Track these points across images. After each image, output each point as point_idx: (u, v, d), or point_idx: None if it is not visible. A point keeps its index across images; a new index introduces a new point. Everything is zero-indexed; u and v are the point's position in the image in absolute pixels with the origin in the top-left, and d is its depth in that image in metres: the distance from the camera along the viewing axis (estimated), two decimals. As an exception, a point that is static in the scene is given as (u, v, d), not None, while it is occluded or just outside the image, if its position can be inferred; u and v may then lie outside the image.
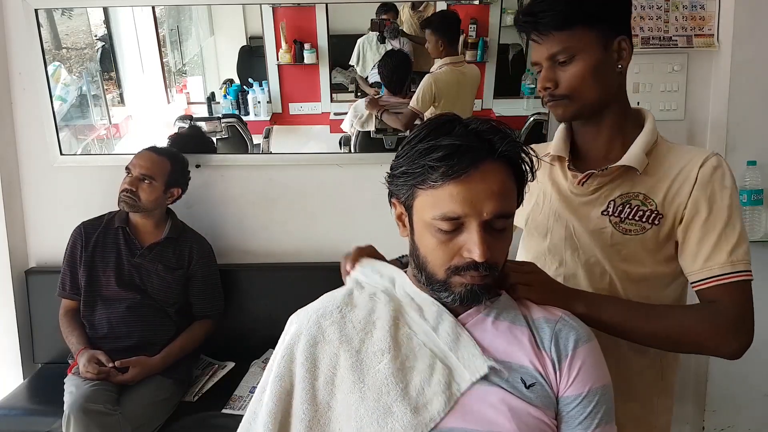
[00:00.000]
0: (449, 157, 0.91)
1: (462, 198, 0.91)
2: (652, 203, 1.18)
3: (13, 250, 2.42)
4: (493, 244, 0.93)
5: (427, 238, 0.96)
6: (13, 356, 2.44)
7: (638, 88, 2.29)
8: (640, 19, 2.23)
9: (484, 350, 0.98)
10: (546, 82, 1.17)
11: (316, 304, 1.07)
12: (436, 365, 0.95)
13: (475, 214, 0.91)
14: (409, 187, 0.96)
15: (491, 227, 0.93)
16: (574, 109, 1.18)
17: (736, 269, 1.12)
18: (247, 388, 2.18)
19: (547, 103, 1.21)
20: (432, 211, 0.93)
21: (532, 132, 2.45)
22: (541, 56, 1.17)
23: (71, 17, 2.46)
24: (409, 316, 1.01)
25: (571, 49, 1.14)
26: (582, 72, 1.14)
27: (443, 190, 0.92)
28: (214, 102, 2.57)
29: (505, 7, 2.48)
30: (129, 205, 2.16)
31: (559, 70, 1.16)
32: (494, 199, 0.92)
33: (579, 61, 1.14)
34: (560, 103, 1.18)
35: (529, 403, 0.95)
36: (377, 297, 1.04)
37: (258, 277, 2.45)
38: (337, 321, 1.01)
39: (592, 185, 1.22)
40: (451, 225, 0.93)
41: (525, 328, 1.02)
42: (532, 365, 0.98)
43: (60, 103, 2.42)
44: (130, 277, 2.18)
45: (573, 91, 1.16)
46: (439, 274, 0.96)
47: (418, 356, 0.96)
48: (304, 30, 2.51)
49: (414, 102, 2.44)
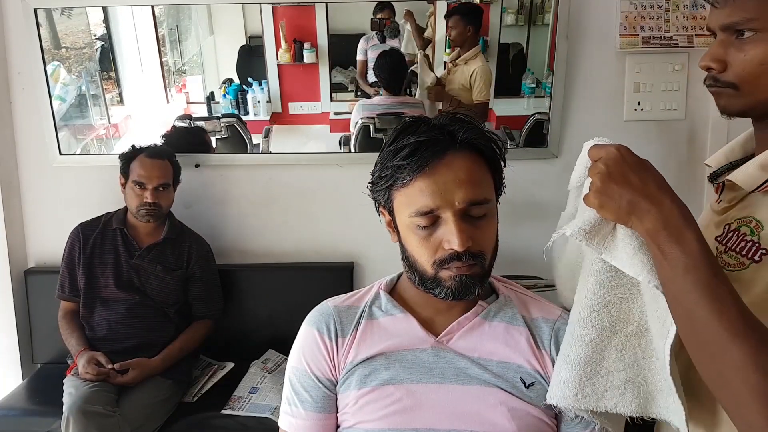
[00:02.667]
0: (413, 153, 0.93)
1: (431, 191, 0.93)
2: (761, 231, 0.83)
3: (13, 250, 2.41)
4: (473, 233, 0.94)
5: (411, 237, 0.97)
6: (12, 356, 2.44)
7: (639, 87, 2.29)
8: (641, 19, 2.23)
9: (481, 353, 0.98)
10: (711, 60, 0.85)
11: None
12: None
13: (447, 204, 0.93)
14: (386, 191, 0.98)
15: (469, 216, 0.94)
16: (742, 103, 0.85)
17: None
18: (246, 388, 2.17)
19: (708, 87, 0.89)
20: (408, 210, 0.95)
21: (532, 132, 2.44)
22: (715, 23, 0.85)
23: (70, 17, 2.45)
24: None
25: (756, 21, 0.80)
26: (764, 57, 0.81)
27: (413, 187, 0.94)
28: (213, 101, 2.56)
29: (506, 7, 2.47)
30: (154, 216, 2.16)
31: (734, 47, 0.83)
32: (464, 187, 0.93)
33: (764, 40, 0.81)
34: (724, 92, 0.86)
35: (529, 402, 0.96)
36: None
37: (258, 277, 2.45)
38: None
39: (724, 202, 0.91)
40: (427, 220, 0.94)
41: (523, 328, 1.02)
42: (530, 365, 0.98)
43: (59, 102, 2.41)
44: (129, 278, 2.17)
45: (744, 80, 0.83)
46: (428, 271, 0.96)
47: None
48: (303, 29, 2.51)
49: (483, 95, 2.46)
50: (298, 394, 1.05)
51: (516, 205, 2.41)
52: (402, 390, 0.98)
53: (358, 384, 1.00)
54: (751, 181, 0.85)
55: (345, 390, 1.02)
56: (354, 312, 1.07)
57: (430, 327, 1.03)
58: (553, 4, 2.29)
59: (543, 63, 2.44)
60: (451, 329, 1.01)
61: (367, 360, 1.02)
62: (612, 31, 2.26)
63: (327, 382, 1.04)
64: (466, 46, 2.45)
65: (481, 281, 0.97)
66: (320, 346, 1.04)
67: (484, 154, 0.97)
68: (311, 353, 1.05)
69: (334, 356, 1.04)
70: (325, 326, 1.05)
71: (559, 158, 2.39)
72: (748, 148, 0.94)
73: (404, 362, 1.00)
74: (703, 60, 0.87)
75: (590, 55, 2.30)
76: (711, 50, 0.86)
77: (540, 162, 2.40)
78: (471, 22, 2.44)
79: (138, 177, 2.13)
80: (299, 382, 1.05)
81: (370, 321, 1.05)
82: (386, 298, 1.07)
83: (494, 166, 0.98)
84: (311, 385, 1.04)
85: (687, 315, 0.73)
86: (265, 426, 2.00)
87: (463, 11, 2.46)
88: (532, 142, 2.43)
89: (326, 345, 1.04)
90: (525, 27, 2.54)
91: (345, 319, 1.06)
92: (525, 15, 2.52)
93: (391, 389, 0.98)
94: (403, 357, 1.01)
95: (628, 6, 2.23)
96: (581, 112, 2.35)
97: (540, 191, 2.38)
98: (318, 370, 1.04)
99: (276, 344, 2.37)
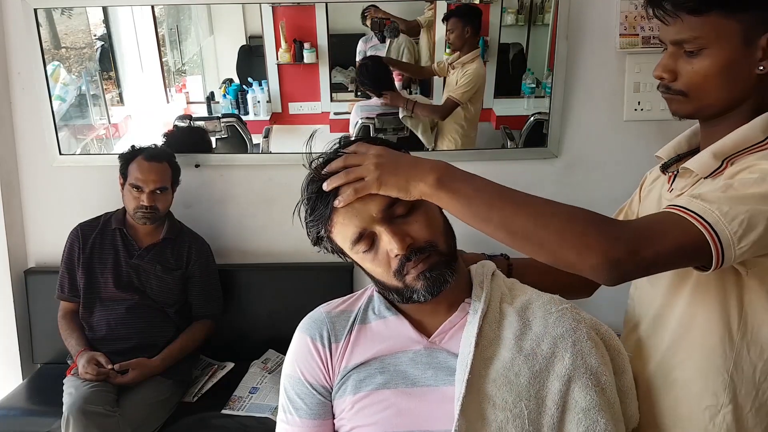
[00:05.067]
0: (316, 204, 0.97)
1: (349, 220, 0.95)
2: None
3: (13, 250, 2.41)
4: (407, 229, 0.95)
5: (364, 263, 0.99)
6: (12, 356, 2.44)
7: (639, 87, 2.28)
8: (641, 19, 2.22)
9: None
10: (663, 71, 0.98)
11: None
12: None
13: (369, 221, 0.95)
14: (326, 239, 1.00)
15: (396, 217, 0.95)
16: (691, 108, 0.98)
17: (691, 207, 0.86)
18: (246, 388, 2.17)
19: (661, 93, 1.01)
20: (346, 244, 0.98)
21: (532, 132, 2.44)
22: (666, 37, 0.97)
23: (70, 17, 2.45)
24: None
25: (701, 39, 0.92)
26: (708, 70, 0.93)
27: (336, 225, 0.97)
28: (213, 101, 2.56)
29: (506, 7, 2.47)
30: (150, 219, 2.16)
31: (683, 60, 0.95)
32: (370, 201, 0.94)
33: (708, 55, 0.93)
34: (675, 98, 0.99)
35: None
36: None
37: (257, 277, 2.45)
38: None
39: (676, 190, 1.03)
40: (365, 243, 0.96)
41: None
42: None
43: (59, 102, 2.41)
44: (129, 278, 2.17)
45: (692, 89, 0.96)
46: (395, 284, 0.98)
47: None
48: (303, 29, 2.50)
49: (459, 94, 2.45)
50: (293, 401, 1.05)
51: (516, 205, 2.41)
52: (397, 393, 0.98)
53: (353, 389, 1.00)
54: (705, 168, 0.97)
55: (341, 396, 1.02)
56: (347, 317, 1.07)
57: (423, 328, 1.03)
58: (553, 4, 2.29)
59: (543, 63, 2.44)
60: (443, 329, 1.01)
61: (361, 365, 1.01)
62: (612, 31, 2.26)
63: (321, 389, 1.04)
64: (465, 48, 2.45)
65: (446, 266, 0.96)
66: (313, 354, 1.04)
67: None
68: (305, 361, 1.05)
69: (327, 363, 1.04)
70: (318, 333, 1.05)
71: (559, 158, 2.38)
72: (692, 143, 1.08)
73: (398, 365, 1.00)
74: (656, 70, 0.99)
75: (590, 55, 2.30)
76: (662, 62, 0.98)
77: (540, 162, 2.40)
78: (469, 23, 2.43)
79: (135, 180, 2.13)
80: (293, 389, 1.05)
81: (363, 325, 1.05)
82: (379, 300, 1.07)
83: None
84: (305, 393, 1.04)
85: (500, 221, 0.88)
86: (265, 426, 2.00)
87: (461, 13, 2.45)
88: (532, 142, 2.43)
89: (319, 352, 1.04)
90: (525, 27, 2.54)
91: (338, 325, 1.06)
92: (525, 15, 2.52)
93: (386, 393, 0.98)
94: (397, 360, 1.01)
95: (628, 6, 2.22)
96: (581, 112, 2.35)
97: (540, 191, 2.33)
98: (312, 378, 1.04)
99: (276, 344, 2.37)
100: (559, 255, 0.87)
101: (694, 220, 0.85)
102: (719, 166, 0.95)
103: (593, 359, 0.95)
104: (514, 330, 0.98)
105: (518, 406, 0.91)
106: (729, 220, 0.84)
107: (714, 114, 0.98)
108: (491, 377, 0.94)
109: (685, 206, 0.87)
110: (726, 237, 0.83)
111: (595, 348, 0.96)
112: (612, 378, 0.97)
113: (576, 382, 0.93)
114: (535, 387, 0.93)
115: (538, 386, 0.93)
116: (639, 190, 1.20)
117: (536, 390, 0.93)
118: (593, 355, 0.95)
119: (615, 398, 0.97)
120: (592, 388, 0.93)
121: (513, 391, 0.92)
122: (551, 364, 0.94)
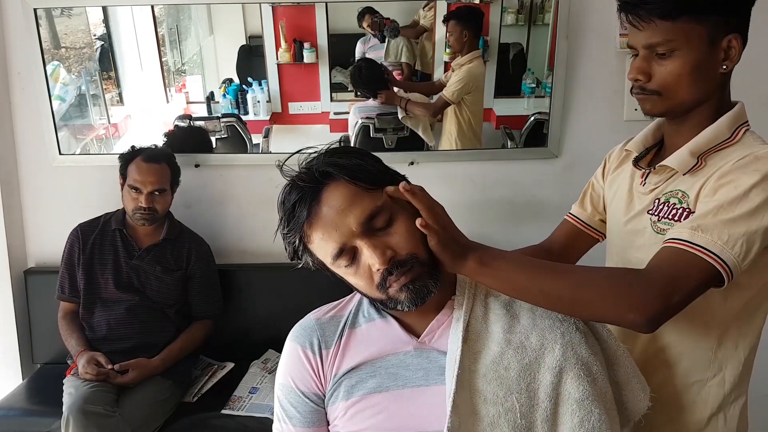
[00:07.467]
0: (292, 216, 0.94)
1: (328, 234, 0.93)
2: (687, 200, 1.07)
3: (12, 251, 2.41)
4: (388, 242, 0.93)
5: (347, 277, 0.98)
6: (12, 356, 2.44)
7: (639, 87, 2.29)
8: (641, 19, 2.22)
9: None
10: (638, 73, 1.07)
11: None
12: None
13: (348, 235, 0.92)
14: (305, 252, 0.98)
15: (376, 230, 0.93)
16: (664, 106, 1.08)
17: (696, 242, 0.96)
18: (246, 388, 2.17)
19: (635, 95, 1.11)
20: (327, 259, 0.96)
21: (532, 131, 2.44)
22: (638, 42, 1.06)
23: (70, 16, 2.45)
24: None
25: (672, 42, 1.02)
26: (680, 70, 1.04)
27: (316, 240, 0.95)
28: (213, 101, 2.56)
29: (506, 7, 2.47)
30: (149, 220, 2.16)
31: (655, 62, 1.05)
32: (349, 214, 0.92)
33: (679, 57, 1.03)
34: (649, 98, 1.08)
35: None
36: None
37: (257, 277, 2.45)
38: None
39: (650, 184, 1.15)
40: (346, 258, 0.94)
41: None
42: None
43: (59, 102, 2.41)
44: (129, 278, 2.17)
45: (666, 88, 1.06)
46: (379, 296, 0.96)
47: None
48: (303, 29, 2.50)
49: (450, 93, 2.44)
50: (286, 410, 1.06)
51: (516, 205, 2.40)
52: (389, 396, 0.98)
53: (346, 395, 1.00)
54: (684, 166, 1.08)
55: (334, 402, 1.02)
56: (337, 322, 1.07)
57: (412, 329, 1.03)
58: (553, 4, 2.29)
59: (543, 63, 2.44)
60: (431, 328, 1.01)
61: (352, 370, 1.02)
62: (612, 31, 2.26)
63: (314, 396, 1.04)
64: (464, 50, 2.44)
65: (429, 276, 0.94)
66: (304, 363, 1.04)
67: (346, 174, 0.94)
68: (296, 370, 1.05)
69: (319, 371, 1.04)
70: (308, 341, 1.05)
71: (559, 158, 2.38)
72: (657, 136, 1.21)
73: (389, 368, 1.00)
74: (631, 72, 1.08)
75: (590, 55, 2.30)
76: (636, 65, 1.07)
77: (540, 162, 2.39)
78: (468, 27, 2.41)
79: (133, 181, 2.13)
80: (286, 398, 1.06)
81: (352, 330, 1.05)
82: (368, 303, 1.07)
83: (363, 176, 0.95)
84: (298, 401, 1.04)
85: (522, 282, 0.95)
86: (265, 426, 2.00)
87: (460, 16, 2.43)
88: (532, 142, 2.43)
89: (310, 360, 1.04)
90: (525, 27, 2.54)
91: (328, 331, 1.05)
92: (525, 15, 2.52)
93: (378, 397, 0.98)
94: (388, 362, 1.01)
95: (628, 6, 2.22)
96: (581, 112, 2.35)
97: (540, 191, 2.38)
98: (304, 386, 1.04)
99: (276, 344, 2.36)
100: (598, 318, 0.98)
101: (703, 255, 0.95)
102: (696, 163, 1.07)
103: (583, 350, 0.95)
104: (502, 323, 0.98)
105: (509, 399, 0.91)
106: (731, 247, 0.95)
107: (684, 111, 1.09)
108: (481, 372, 0.94)
109: (690, 241, 0.96)
110: (732, 261, 0.95)
111: (584, 338, 0.97)
112: (603, 368, 0.97)
113: (568, 373, 0.93)
114: (525, 380, 0.93)
115: (529, 379, 0.93)
116: (602, 173, 1.33)
117: (527, 383, 0.93)
118: (583, 345, 0.96)
119: (607, 388, 0.97)
120: (584, 378, 0.93)
121: (503, 385, 0.92)
122: (541, 357, 0.94)
